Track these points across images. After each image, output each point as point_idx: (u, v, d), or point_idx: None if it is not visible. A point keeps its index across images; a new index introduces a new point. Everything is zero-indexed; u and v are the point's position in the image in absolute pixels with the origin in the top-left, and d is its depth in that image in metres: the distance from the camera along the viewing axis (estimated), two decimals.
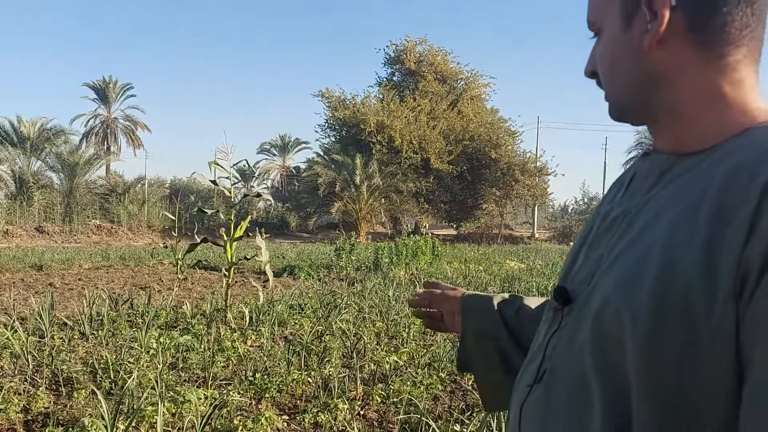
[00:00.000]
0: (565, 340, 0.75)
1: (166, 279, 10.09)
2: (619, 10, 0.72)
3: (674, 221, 0.65)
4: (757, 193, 0.58)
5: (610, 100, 0.79)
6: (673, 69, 0.71)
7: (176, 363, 4.53)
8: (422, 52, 31.18)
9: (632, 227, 0.71)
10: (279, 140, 50.76)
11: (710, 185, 0.64)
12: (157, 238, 23.84)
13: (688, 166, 0.70)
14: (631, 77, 0.74)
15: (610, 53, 0.75)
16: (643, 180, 0.76)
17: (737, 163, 0.63)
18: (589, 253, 0.79)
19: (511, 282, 9.97)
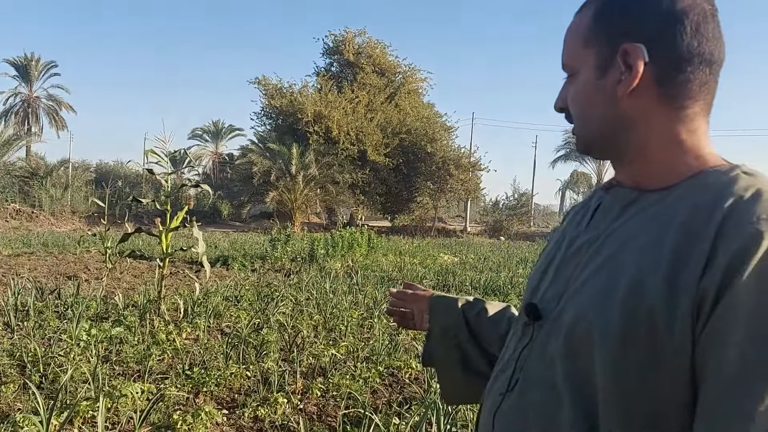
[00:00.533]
0: (536, 352, 0.83)
1: (94, 268, 9.74)
2: (595, 60, 0.80)
3: (642, 250, 0.73)
4: (712, 233, 0.67)
5: (579, 135, 0.86)
6: (640, 116, 0.79)
7: (109, 356, 4.43)
8: (361, 43, 31.13)
9: (599, 253, 0.80)
10: (212, 126, 49.56)
11: (673, 221, 0.72)
12: (83, 224, 22.90)
13: (650, 202, 0.79)
14: (602, 120, 0.82)
15: (584, 97, 0.82)
16: (608, 211, 0.85)
17: (695, 204, 0.72)
18: (557, 274, 0.87)
19: (445, 275, 10.18)
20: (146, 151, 5.85)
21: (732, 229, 0.66)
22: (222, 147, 49.45)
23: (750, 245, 0.64)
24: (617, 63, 0.78)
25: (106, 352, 4.52)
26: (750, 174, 0.74)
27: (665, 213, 0.75)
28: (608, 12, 0.80)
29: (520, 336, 0.89)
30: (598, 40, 0.80)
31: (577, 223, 0.92)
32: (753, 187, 0.71)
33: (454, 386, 1.22)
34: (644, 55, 0.76)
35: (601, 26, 0.80)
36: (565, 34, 0.87)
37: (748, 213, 0.67)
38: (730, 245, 0.65)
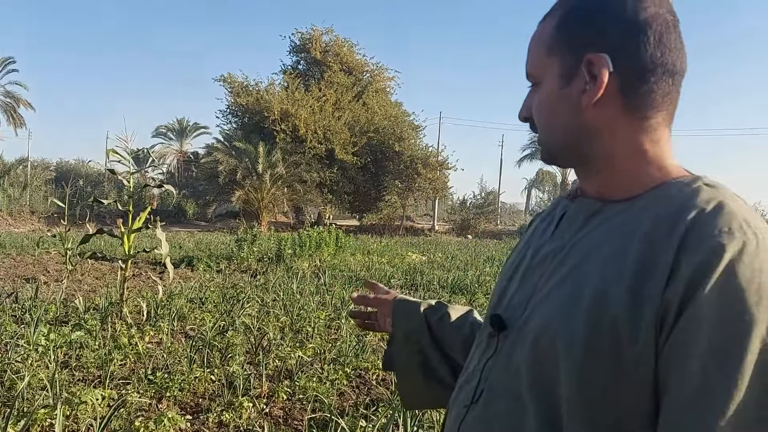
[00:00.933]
0: (501, 363, 0.83)
1: (54, 270, 9.50)
2: (559, 70, 0.80)
3: (606, 260, 0.73)
4: (675, 246, 0.67)
5: (544, 145, 0.86)
6: (605, 126, 0.79)
7: (69, 362, 4.32)
8: (328, 42, 31.00)
9: (564, 264, 0.80)
10: (176, 124, 48.80)
11: (636, 232, 0.72)
12: (42, 225, 22.31)
13: (614, 212, 0.79)
14: (567, 129, 0.81)
15: (549, 106, 0.82)
16: (572, 221, 0.85)
17: (658, 215, 0.72)
18: (522, 283, 0.87)
19: (413, 275, 10.20)
20: (107, 151, 5.71)
21: (694, 242, 0.67)
22: (187, 145, 48.73)
23: (712, 258, 0.64)
24: (581, 72, 0.77)
25: (66, 358, 4.40)
26: (711, 186, 0.75)
27: (629, 224, 0.75)
28: (571, 21, 0.79)
29: (484, 347, 0.88)
30: (561, 49, 0.79)
31: (542, 232, 0.92)
32: (715, 199, 0.71)
33: (414, 391, 1.21)
34: (609, 65, 0.76)
35: (564, 35, 0.80)
36: (530, 43, 0.86)
37: (709, 226, 0.67)
38: (693, 258, 0.65)
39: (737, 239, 0.66)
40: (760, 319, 0.63)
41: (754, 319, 0.62)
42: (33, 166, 32.87)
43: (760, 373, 0.61)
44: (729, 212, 0.69)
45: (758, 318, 0.63)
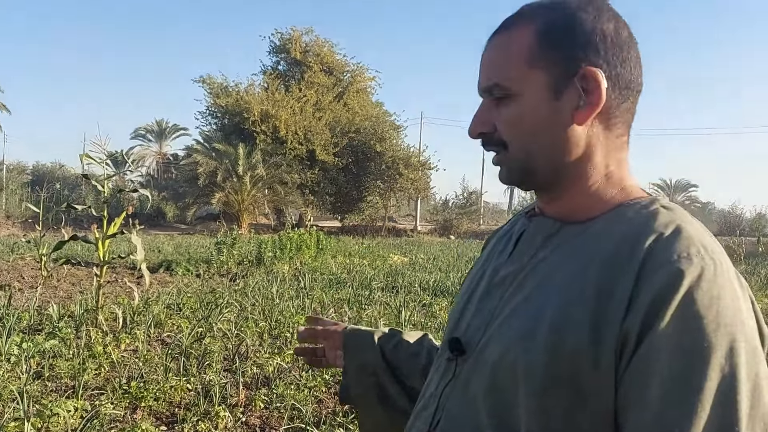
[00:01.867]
0: (459, 389, 0.80)
1: (29, 276, 9.33)
2: (544, 82, 0.75)
3: (565, 285, 0.72)
4: (635, 271, 0.66)
5: (517, 162, 0.80)
6: (587, 144, 0.77)
7: (42, 372, 4.22)
8: (308, 42, 30.87)
9: (524, 286, 0.78)
10: (155, 125, 48.38)
11: (595, 256, 0.71)
12: (18, 229, 21.94)
13: (573, 234, 0.77)
14: (551, 145, 0.77)
15: (532, 120, 0.76)
16: (531, 242, 0.82)
17: (617, 239, 0.71)
18: (480, 305, 0.84)
19: (395, 276, 10.18)
20: (81, 155, 5.61)
21: (653, 268, 0.66)
22: (166, 147, 48.34)
23: (671, 284, 0.64)
24: (574, 86, 0.74)
25: (39, 368, 4.31)
26: (668, 209, 0.74)
27: (587, 247, 0.74)
28: (556, 33, 0.76)
29: (442, 372, 0.85)
30: (547, 61, 0.75)
31: (499, 252, 0.89)
32: (673, 222, 0.71)
33: (374, 423, 1.16)
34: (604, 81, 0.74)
35: (548, 47, 0.75)
36: (492, 53, 0.80)
37: (668, 251, 0.67)
38: (652, 284, 0.65)
39: (695, 265, 0.65)
40: (719, 346, 0.62)
41: (713, 346, 0.62)
42: (9, 169, 32.36)
43: (719, 402, 0.61)
44: (687, 236, 0.69)
45: (716, 345, 0.62)
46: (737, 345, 0.63)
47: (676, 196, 54.67)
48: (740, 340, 0.63)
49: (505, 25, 0.81)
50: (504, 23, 0.81)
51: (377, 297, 7.67)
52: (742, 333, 0.64)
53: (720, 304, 0.64)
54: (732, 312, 0.64)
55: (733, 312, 0.64)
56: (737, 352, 0.62)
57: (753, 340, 0.65)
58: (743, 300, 0.67)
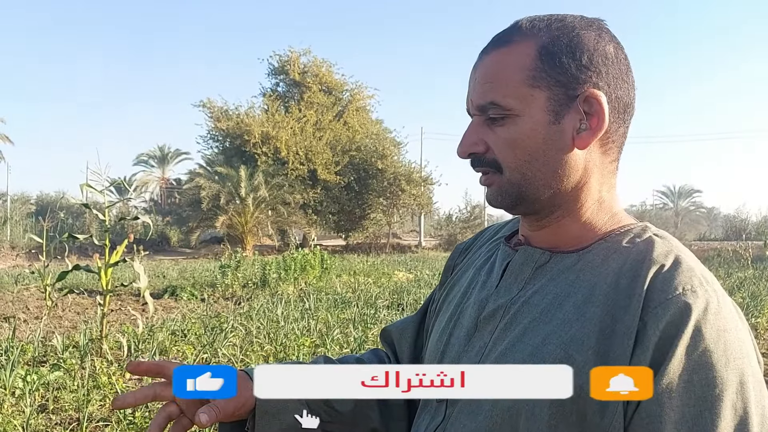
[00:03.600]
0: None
1: (33, 307, 9.32)
2: (545, 104, 0.72)
3: (564, 320, 0.68)
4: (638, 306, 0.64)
5: (511, 186, 0.76)
6: (585, 169, 0.74)
7: (46, 404, 4.20)
8: (306, 63, 31.09)
9: (517, 322, 0.73)
10: (158, 151, 48.58)
11: (594, 290, 0.68)
12: (23, 260, 21.99)
13: (566, 265, 0.74)
14: (551, 169, 0.73)
15: (531, 143, 0.73)
16: (519, 272, 0.78)
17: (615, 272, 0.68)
18: (469, 342, 0.79)
19: (400, 294, 10.13)
20: (81, 185, 5.63)
21: (658, 303, 0.63)
22: (169, 172, 48.53)
23: (679, 321, 0.62)
24: (576, 109, 0.71)
25: (43, 400, 4.28)
26: (662, 237, 0.72)
27: (583, 280, 0.70)
28: (558, 52, 0.72)
29: (433, 412, 0.80)
30: (548, 80, 0.72)
31: (482, 283, 0.84)
32: (671, 253, 0.68)
33: None
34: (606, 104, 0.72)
35: (550, 66, 0.72)
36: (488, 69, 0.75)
37: (671, 284, 0.65)
38: (659, 320, 0.62)
39: (701, 298, 0.63)
40: (730, 382, 0.60)
41: (725, 382, 0.60)
42: (13, 200, 32.50)
43: None
44: (688, 268, 0.66)
45: (728, 381, 0.60)
46: (746, 379, 0.61)
47: (681, 202, 54.55)
48: (748, 374, 0.62)
49: (502, 39, 0.76)
50: (501, 37, 0.76)
51: (383, 315, 7.63)
52: (749, 366, 0.62)
53: (727, 337, 0.62)
54: (738, 345, 0.62)
55: (739, 345, 0.63)
56: (747, 387, 0.61)
57: (758, 373, 0.63)
58: (745, 331, 0.66)
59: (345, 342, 5.86)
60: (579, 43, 0.72)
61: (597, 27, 0.74)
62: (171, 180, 44.98)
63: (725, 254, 18.14)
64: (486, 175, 0.78)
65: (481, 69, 0.76)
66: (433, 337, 0.88)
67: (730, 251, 18.24)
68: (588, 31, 0.73)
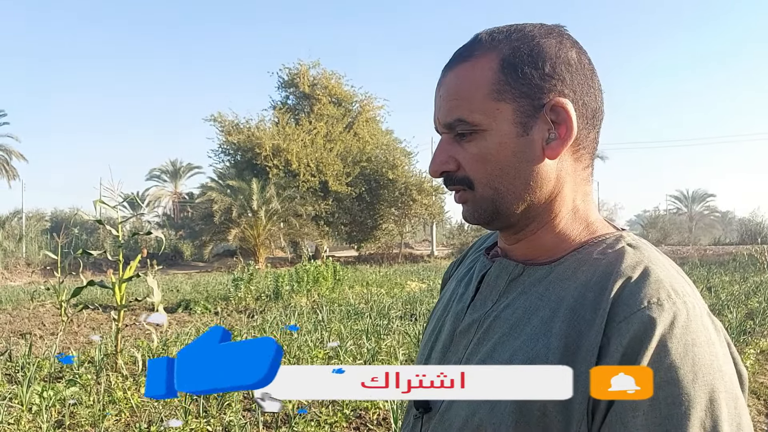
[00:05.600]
0: None
1: (49, 323, 9.40)
2: (512, 116, 0.71)
3: (531, 336, 0.67)
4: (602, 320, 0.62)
5: (482, 202, 0.75)
6: (558, 178, 0.73)
7: (63, 420, 4.22)
8: (316, 75, 31.29)
9: (489, 336, 0.73)
10: (170, 165, 48.95)
11: (560, 305, 0.67)
12: (38, 276, 22.19)
13: (537, 278, 0.73)
14: (522, 182, 0.72)
15: (501, 157, 0.72)
16: (493, 286, 0.78)
17: (582, 284, 0.67)
18: (443, 357, 0.79)
19: (413, 304, 10.11)
20: (95, 201, 5.69)
21: (622, 317, 0.62)
22: (181, 186, 48.83)
23: (642, 336, 0.60)
24: (543, 118, 0.70)
25: (60, 416, 4.31)
26: (634, 247, 0.70)
27: (551, 294, 0.69)
28: (520, 62, 0.71)
29: (410, 429, 0.80)
30: (513, 92, 0.71)
31: (460, 296, 0.84)
32: (640, 264, 0.67)
33: None
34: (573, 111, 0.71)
35: (513, 78, 0.71)
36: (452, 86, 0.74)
37: (636, 297, 0.63)
38: (622, 335, 0.61)
39: (667, 311, 0.61)
40: (698, 399, 0.58)
41: (692, 399, 0.58)
42: (28, 217, 32.88)
43: None
44: (656, 280, 0.64)
45: (695, 398, 0.58)
46: (717, 396, 0.59)
47: (695, 207, 54.11)
48: (720, 390, 0.59)
49: (463, 54, 0.75)
50: (462, 52, 0.75)
51: (396, 326, 7.61)
52: (721, 381, 0.60)
53: (695, 351, 0.60)
54: (708, 359, 0.60)
55: (709, 359, 0.60)
56: (718, 404, 0.58)
57: (733, 389, 0.61)
58: (719, 344, 0.63)
59: (358, 353, 5.85)
60: (540, 52, 0.71)
61: (558, 34, 0.73)
62: (183, 194, 45.25)
63: (741, 258, 17.97)
64: (459, 193, 0.77)
65: (444, 86, 0.76)
66: (420, 350, 0.89)
67: (746, 255, 18.07)
68: (548, 39, 0.72)
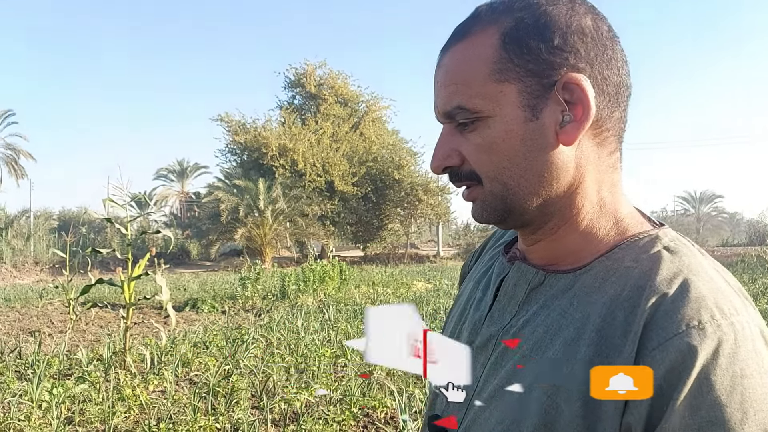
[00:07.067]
0: None
1: (58, 321, 9.46)
2: (518, 99, 0.61)
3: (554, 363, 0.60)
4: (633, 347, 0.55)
5: (492, 199, 0.66)
6: (576, 167, 0.63)
7: (72, 417, 4.25)
8: (322, 75, 31.34)
9: (507, 358, 0.66)
10: (177, 165, 49.13)
11: (587, 323, 0.59)
12: (47, 275, 22.31)
13: (560, 289, 0.64)
14: (535, 174, 0.63)
15: (507, 146, 0.62)
16: (512, 295, 0.70)
17: (612, 299, 0.59)
18: None
19: (419, 304, 10.11)
20: (104, 200, 5.72)
21: (657, 345, 0.53)
22: (188, 185, 49.00)
23: (681, 367, 0.52)
24: (555, 98, 0.60)
25: (69, 413, 4.34)
26: (673, 251, 0.61)
27: (576, 310, 0.61)
28: (525, 35, 0.61)
29: None
30: (518, 70, 0.61)
31: (477, 301, 0.76)
32: (678, 276, 0.57)
33: None
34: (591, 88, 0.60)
35: (519, 53, 0.61)
36: (449, 69, 0.66)
37: (674, 318, 0.54)
38: (657, 367, 0.52)
39: (710, 336, 0.52)
40: None
41: None
42: (36, 216, 33.06)
43: None
44: (697, 297, 0.55)
45: None
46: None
47: (703, 208, 53.86)
48: None
49: (461, 32, 0.65)
50: (459, 30, 0.66)
51: None
52: None
53: (745, 385, 0.51)
54: (762, 394, 0.51)
55: (763, 394, 0.51)
56: None
57: None
58: None
59: None
60: (548, 22, 0.60)
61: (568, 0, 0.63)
62: (190, 194, 45.37)
63: (749, 260, 17.88)
64: (467, 190, 0.68)
65: (441, 70, 0.66)
66: None
67: (754, 257, 17.98)
68: (557, 6, 0.61)
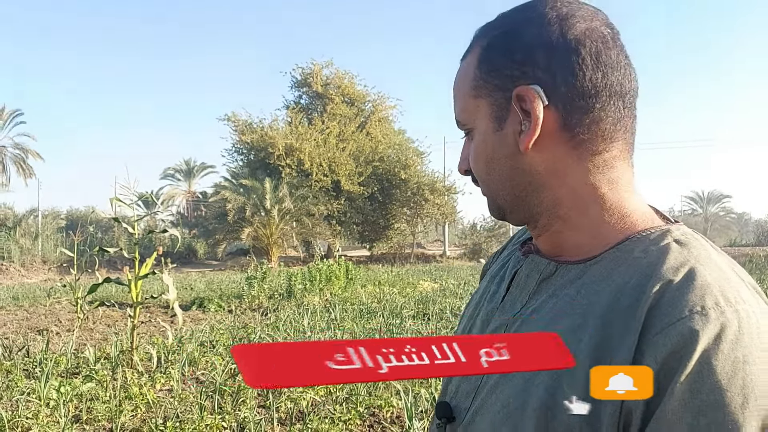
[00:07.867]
0: None
1: (65, 320, 9.50)
2: (488, 112, 0.69)
3: None
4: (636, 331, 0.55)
5: (488, 199, 0.76)
6: (550, 169, 0.67)
7: (80, 415, 4.27)
8: (329, 75, 31.37)
9: None
10: (183, 165, 49.31)
11: (592, 310, 0.61)
12: (54, 274, 22.42)
13: (568, 279, 0.67)
14: (507, 178, 0.70)
15: (485, 155, 0.71)
16: (523, 286, 0.73)
17: (618, 287, 0.60)
18: None
19: (425, 303, 10.12)
20: (111, 199, 5.75)
21: (660, 329, 0.54)
22: (195, 185, 49.17)
23: (681, 350, 0.52)
24: (513, 110, 0.66)
25: (77, 411, 4.36)
26: (682, 243, 0.62)
27: (583, 298, 0.62)
28: (493, 54, 0.68)
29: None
30: (488, 87, 0.68)
31: (492, 294, 0.79)
32: (685, 265, 0.58)
33: None
34: (542, 97, 0.64)
35: (487, 71, 0.68)
36: (455, 84, 0.75)
37: (678, 304, 0.55)
38: (657, 350, 0.53)
39: (713, 322, 0.53)
40: (748, 428, 0.50)
41: (740, 428, 0.50)
42: (44, 215, 33.24)
43: None
44: (702, 284, 0.56)
45: (744, 426, 0.50)
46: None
47: (710, 208, 53.62)
48: None
49: (466, 50, 0.74)
50: (467, 49, 0.74)
51: (408, 326, 7.62)
52: None
53: (747, 370, 0.51)
54: (764, 380, 0.51)
55: (765, 380, 0.51)
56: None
57: None
58: None
59: None
60: (514, 39, 0.66)
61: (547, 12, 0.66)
62: (197, 193, 45.52)
63: (757, 260, 17.79)
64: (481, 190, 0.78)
65: (454, 84, 0.76)
66: None
67: (762, 257, 17.89)
68: (529, 24, 0.66)
